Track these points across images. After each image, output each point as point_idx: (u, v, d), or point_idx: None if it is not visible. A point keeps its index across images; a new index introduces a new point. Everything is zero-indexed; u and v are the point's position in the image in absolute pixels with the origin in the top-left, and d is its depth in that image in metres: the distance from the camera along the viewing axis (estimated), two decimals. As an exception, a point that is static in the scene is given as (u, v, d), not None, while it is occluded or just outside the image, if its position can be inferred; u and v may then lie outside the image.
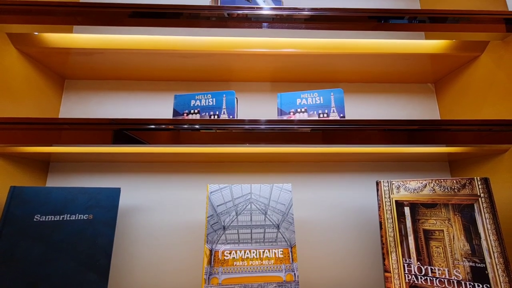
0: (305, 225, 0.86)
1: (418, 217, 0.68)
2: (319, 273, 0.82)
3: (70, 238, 0.66)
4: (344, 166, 0.91)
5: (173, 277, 0.80)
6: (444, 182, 0.67)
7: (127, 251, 0.82)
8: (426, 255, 0.65)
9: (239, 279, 0.63)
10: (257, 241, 0.67)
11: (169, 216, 0.85)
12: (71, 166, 0.87)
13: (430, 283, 0.63)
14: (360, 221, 0.87)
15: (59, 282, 0.62)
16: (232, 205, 0.70)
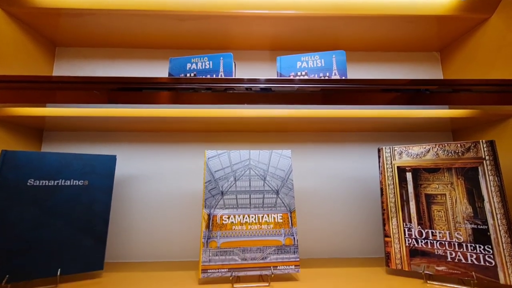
0: (305, 195, 0.85)
1: (420, 182, 0.66)
2: (319, 241, 0.82)
3: (66, 204, 0.65)
4: (345, 136, 0.89)
5: (172, 244, 0.80)
6: (448, 146, 0.65)
7: (125, 219, 0.81)
8: (427, 219, 0.64)
9: (238, 242, 0.62)
10: (256, 206, 0.66)
11: (167, 185, 0.83)
12: (65, 135, 0.85)
13: (431, 246, 0.62)
14: (360, 190, 0.86)
15: (54, 247, 0.62)
16: (230, 171, 0.68)
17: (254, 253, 0.62)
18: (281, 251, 0.63)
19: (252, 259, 0.61)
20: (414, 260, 0.63)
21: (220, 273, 0.60)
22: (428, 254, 0.62)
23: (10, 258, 0.57)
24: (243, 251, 0.62)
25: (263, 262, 0.61)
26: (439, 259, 0.61)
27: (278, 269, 0.61)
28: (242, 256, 0.61)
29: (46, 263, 0.60)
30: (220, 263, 0.60)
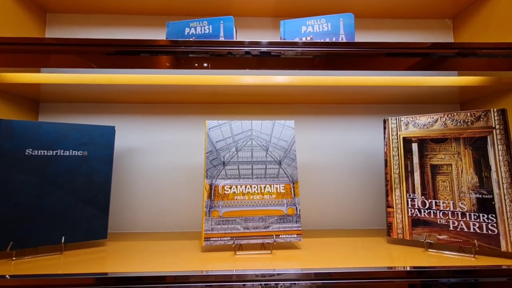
0: (308, 167, 0.84)
1: (426, 153, 0.65)
2: (321, 213, 0.82)
3: (65, 174, 0.64)
4: (349, 108, 0.87)
5: (174, 215, 0.80)
6: (457, 115, 0.63)
7: (127, 192, 0.81)
8: (432, 189, 0.63)
9: (240, 212, 0.62)
10: (258, 176, 0.65)
11: (168, 157, 0.82)
12: (62, 107, 0.83)
13: (433, 215, 0.62)
14: (364, 163, 0.85)
15: (57, 216, 0.62)
16: (232, 141, 0.67)
17: (256, 222, 0.62)
18: (283, 220, 0.63)
19: (254, 228, 0.62)
20: (416, 229, 0.63)
21: (223, 241, 0.60)
22: (430, 223, 0.62)
23: (13, 226, 0.58)
24: (245, 220, 0.62)
25: (265, 231, 0.62)
26: (441, 228, 0.61)
27: (280, 237, 0.62)
28: (244, 225, 0.62)
29: (49, 231, 0.61)
30: (222, 231, 0.61)
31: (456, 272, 0.50)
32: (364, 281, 0.50)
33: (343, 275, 0.50)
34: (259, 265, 0.52)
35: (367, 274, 0.50)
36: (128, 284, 0.48)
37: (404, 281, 0.50)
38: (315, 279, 0.49)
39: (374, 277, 0.50)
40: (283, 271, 0.49)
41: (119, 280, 0.48)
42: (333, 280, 0.50)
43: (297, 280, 0.49)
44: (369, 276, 0.50)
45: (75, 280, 0.48)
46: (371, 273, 0.50)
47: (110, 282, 0.48)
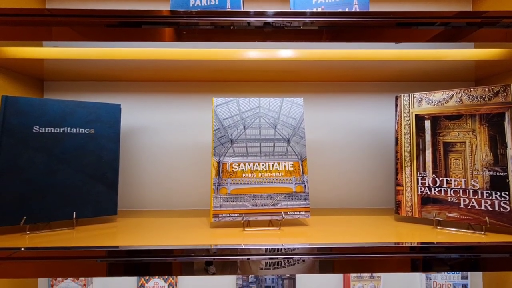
0: (317, 146, 0.83)
1: (439, 130, 0.63)
2: (330, 192, 0.82)
3: (73, 151, 0.64)
4: (359, 86, 0.84)
5: (183, 193, 0.81)
6: (474, 91, 0.60)
7: (135, 170, 0.81)
8: (443, 167, 0.62)
9: (248, 189, 0.62)
10: (266, 154, 0.64)
11: (175, 136, 0.82)
12: (66, 85, 0.81)
13: (444, 193, 0.61)
14: (373, 142, 0.83)
15: (67, 192, 0.62)
16: (239, 118, 0.66)
17: (264, 199, 0.62)
18: (292, 198, 0.63)
19: (262, 205, 0.62)
20: (425, 207, 0.63)
21: (231, 217, 0.61)
22: (440, 201, 0.61)
23: (25, 201, 0.58)
24: (254, 197, 0.62)
25: (273, 208, 0.62)
26: (451, 206, 0.60)
27: (288, 214, 0.62)
28: (252, 202, 0.62)
29: (61, 207, 0.61)
30: (231, 208, 0.61)
31: (466, 247, 0.50)
32: (372, 256, 0.50)
33: (350, 249, 0.50)
34: (268, 241, 0.52)
35: (375, 249, 0.50)
36: (138, 257, 0.49)
37: (412, 256, 0.51)
38: (323, 253, 0.50)
39: (382, 252, 0.51)
40: (291, 245, 0.50)
41: (130, 253, 0.49)
42: (340, 254, 0.50)
43: (305, 254, 0.49)
44: (377, 251, 0.50)
45: (87, 252, 0.49)
46: (379, 248, 0.50)
47: (121, 255, 0.49)
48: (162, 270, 0.50)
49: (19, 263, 0.49)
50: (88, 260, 0.49)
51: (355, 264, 0.50)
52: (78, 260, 0.49)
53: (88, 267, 0.49)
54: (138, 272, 0.50)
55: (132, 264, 0.49)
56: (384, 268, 0.51)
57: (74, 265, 0.49)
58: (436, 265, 0.51)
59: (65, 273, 0.49)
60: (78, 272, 0.49)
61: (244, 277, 0.79)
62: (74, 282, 0.76)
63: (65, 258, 0.49)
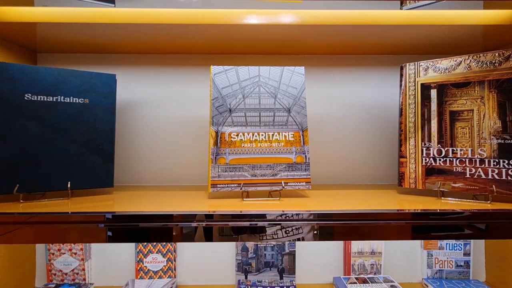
0: (317, 121, 0.81)
1: (446, 99, 0.61)
2: (331, 168, 0.81)
3: (68, 121, 0.62)
4: (362, 59, 0.81)
5: (180, 169, 0.80)
6: (483, 56, 0.58)
7: (132, 145, 0.80)
8: (449, 137, 0.60)
9: (247, 159, 0.61)
10: (266, 124, 0.62)
11: (172, 111, 0.80)
12: (60, 58, 0.79)
13: (449, 163, 0.59)
14: (375, 117, 0.81)
15: (61, 162, 0.61)
16: (238, 87, 0.63)
17: (264, 169, 0.60)
18: (292, 168, 0.61)
19: (262, 176, 0.60)
20: (429, 178, 0.61)
21: (230, 188, 0.59)
22: (445, 172, 0.60)
23: (19, 170, 0.57)
24: (253, 167, 0.60)
25: (273, 178, 0.60)
26: (457, 177, 0.58)
27: (288, 185, 0.60)
28: (251, 172, 0.60)
29: (55, 177, 0.60)
30: (229, 178, 0.59)
31: (472, 214, 0.49)
32: (373, 222, 0.49)
33: (351, 215, 0.49)
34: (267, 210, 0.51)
35: (376, 215, 0.49)
36: (137, 222, 0.48)
37: (414, 222, 0.49)
38: (324, 219, 0.48)
39: (383, 219, 0.49)
40: (291, 212, 0.48)
41: (129, 218, 0.48)
42: (341, 220, 0.49)
43: (305, 220, 0.48)
44: (379, 218, 0.49)
45: (86, 217, 0.48)
46: (380, 214, 0.49)
47: (120, 220, 0.48)
48: (162, 236, 0.48)
49: (17, 227, 0.47)
50: (88, 225, 0.48)
51: (355, 231, 0.49)
52: (78, 225, 0.48)
53: (88, 233, 0.48)
54: (138, 238, 0.49)
55: (132, 230, 0.48)
56: (386, 235, 0.49)
57: (74, 230, 0.48)
58: (439, 232, 0.49)
59: (64, 238, 0.48)
60: (77, 237, 0.48)
61: (243, 252, 0.78)
62: (72, 256, 0.76)
63: (64, 223, 0.48)
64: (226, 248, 0.80)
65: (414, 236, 0.49)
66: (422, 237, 0.50)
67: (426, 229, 0.49)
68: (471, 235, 0.49)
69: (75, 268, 0.76)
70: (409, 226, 0.49)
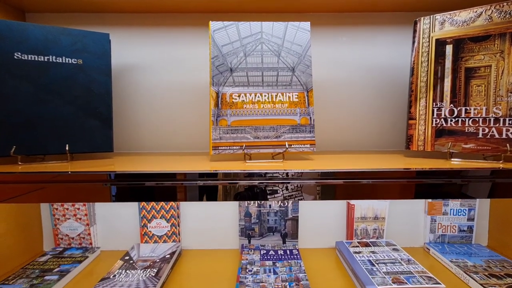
0: (323, 85, 0.77)
1: (462, 55, 0.57)
2: (336, 135, 0.78)
3: (61, 82, 0.60)
4: (372, 17, 0.76)
5: (179, 135, 0.78)
6: (507, 6, 0.53)
7: (130, 112, 0.77)
8: (463, 95, 0.56)
9: (250, 121, 0.58)
10: (269, 84, 0.59)
11: (171, 74, 0.76)
12: (50, 17, 0.74)
13: (461, 124, 0.56)
14: (384, 80, 0.77)
15: (58, 125, 0.59)
16: (239, 45, 0.59)
17: (267, 131, 0.58)
18: (296, 130, 0.59)
19: (265, 138, 0.58)
20: (439, 140, 0.59)
21: (232, 150, 0.57)
22: (456, 133, 0.57)
23: (15, 132, 0.55)
24: (256, 129, 0.58)
25: (276, 140, 0.58)
26: (468, 137, 0.56)
27: (292, 147, 0.58)
28: (254, 134, 0.58)
29: (53, 140, 0.59)
30: (231, 140, 0.58)
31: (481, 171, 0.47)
32: (377, 180, 0.47)
33: (354, 174, 0.47)
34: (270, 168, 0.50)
35: (380, 173, 0.47)
36: (140, 181, 0.47)
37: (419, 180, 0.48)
38: (327, 177, 0.47)
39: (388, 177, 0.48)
40: (294, 170, 0.47)
41: (132, 176, 0.47)
42: (344, 179, 0.47)
43: (308, 179, 0.47)
44: (383, 176, 0.47)
45: (88, 176, 0.47)
46: (384, 172, 0.47)
47: (123, 178, 0.47)
48: (166, 195, 0.47)
49: (22, 187, 0.47)
50: (92, 184, 0.47)
51: (358, 190, 0.47)
52: (83, 184, 0.47)
53: (92, 191, 0.47)
54: (142, 197, 0.48)
55: (136, 188, 0.47)
56: (390, 194, 0.48)
57: (78, 189, 0.47)
58: (446, 191, 0.48)
59: (68, 197, 0.48)
60: (81, 196, 0.48)
61: (246, 218, 0.79)
62: (77, 222, 0.77)
63: (64, 182, 0.47)
64: (229, 214, 0.80)
65: (419, 195, 0.48)
66: (429, 196, 0.48)
67: (431, 187, 0.48)
68: (481, 193, 0.48)
69: (81, 233, 0.77)
70: (413, 184, 0.47)
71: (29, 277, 0.62)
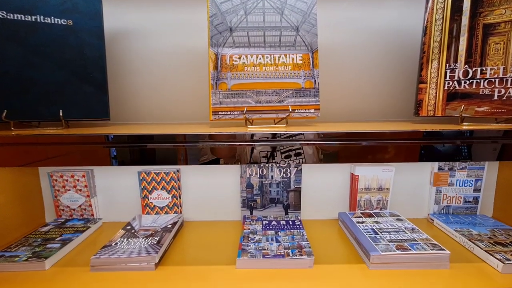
0: (329, 50, 0.73)
1: (481, 10, 0.52)
2: (342, 103, 0.75)
3: (51, 44, 0.56)
4: (384, -25, 0.70)
5: (178, 105, 0.75)
6: (534, -48, 0.48)
7: (126, 80, 0.74)
8: (479, 55, 0.53)
9: (251, 84, 0.55)
10: (271, 45, 0.56)
11: (168, 39, 0.72)
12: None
13: (476, 86, 0.53)
14: (393, 45, 0.73)
15: (51, 89, 0.56)
16: (239, 2, 0.55)
17: (269, 96, 0.55)
18: (300, 94, 0.56)
19: (267, 102, 0.55)
20: (451, 104, 0.56)
21: (233, 115, 0.55)
22: (469, 95, 0.54)
23: (5, 95, 0.53)
24: (257, 93, 0.55)
25: (279, 105, 0.56)
26: (482, 100, 0.53)
27: (296, 112, 0.56)
28: (256, 98, 0.55)
29: (46, 105, 0.56)
30: (232, 105, 0.55)
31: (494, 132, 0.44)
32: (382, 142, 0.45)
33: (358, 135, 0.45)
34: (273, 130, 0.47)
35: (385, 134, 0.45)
36: (139, 143, 0.45)
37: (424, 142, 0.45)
38: (329, 139, 0.45)
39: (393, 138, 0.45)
40: (296, 132, 0.45)
41: (131, 138, 0.45)
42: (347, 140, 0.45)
43: (311, 140, 0.45)
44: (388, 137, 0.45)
45: (86, 138, 0.45)
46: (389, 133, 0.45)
47: (122, 140, 0.45)
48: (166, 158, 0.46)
49: (19, 149, 0.45)
50: (91, 146, 0.45)
51: (362, 152, 0.45)
52: (81, 146, 0.45)
53: (92, 154, 0.45)
54: (142, 161, 0.47)
55: (136, 151, 0.45)
56: (395, 157, 0.46)
57: (77, 152, 0.45)
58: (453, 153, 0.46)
59: (67, 161, 0.46)
60: (80, 159, 0.46)
61: (248, 189, 0.78)
62: (77, 193, 0.76)
63: (62, 144, 0.45)
64: (231, 185, 0.79)
65: (426, 157, 0.46)
66: (436, 158, 0.46)
67: (439, 149, 0.45)
68: (490, 155, 0.46)
69: (82, 204, 0.77)
70: (420, 146, 0.45)
71: (31, 245, 0.62)
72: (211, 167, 0.78)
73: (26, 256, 0.57)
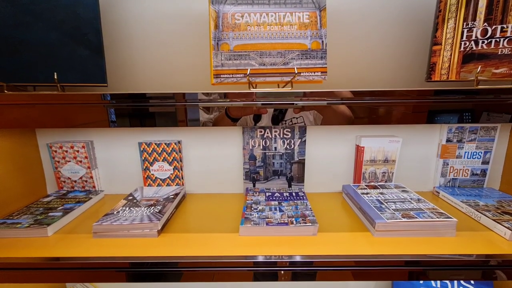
0: (335, 15, 0.69)
1: (505, -40, 0.48)
2: (351, 72, 0.72)
3: (42, 3, 0.53)
4: None
5: (179, 74, 0.72)
6: None
7: (124, 48, 0.71)
8: (501, 11, 0.49)
9: (254, 45, 0.52)
10: (276, 2, 0.52)
11: (167, 3, 0.68)
12: None
13: (495, 45, 0.50)
14: (405, 9, 0.68)
15: (44, 51, 0.54)
16: (242, -46, 0.51)
17: (274, 57, 0.53)
18: (306, 56, 0.53)
19: (271, 64, 0.53)
20: (466, 66, 0.53)
21: (235, 78, 0.52)
22: (487, 56, 0.51)
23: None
24: (261, 55, 0.52)
25: (284, 67, 0.53)
26: (501, 61, 0.50)
27: (302, 75, 0.53)
28: (259, 60, 0.52)
29: (40, 67, 0.54)
30: (234, 68, 0.52)
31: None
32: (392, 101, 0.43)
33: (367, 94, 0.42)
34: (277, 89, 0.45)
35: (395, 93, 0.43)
36: (139, 102, 0.43)
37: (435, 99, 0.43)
38: (336, 99, 0.42)
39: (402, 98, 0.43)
40: (301, 91, 0.42)
41: (131, 97, 0.43)
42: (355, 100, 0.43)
43: (318, 100, 0.42)
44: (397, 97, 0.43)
45: (84, 96, 0.43)
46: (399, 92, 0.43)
47: (121, 98, 0.43)
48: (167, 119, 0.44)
49: (15, 109, 0.43)
50: (89, 106, 0.43)
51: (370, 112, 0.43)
52: (79, 106, 0.43)
53: (89, 114, 0.44)
54: (143, 123, 0.45)
55: (136, 111, 0.43)
56: (403, 118, 0.44)
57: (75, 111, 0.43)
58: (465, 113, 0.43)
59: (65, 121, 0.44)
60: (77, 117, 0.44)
61: (251, 161, 0.76)
62: (78, 165, 0.75)
63: (64, 104, 0.43)
64: (233, 157, 0.78)
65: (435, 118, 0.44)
66: (446, 121, 0.44)
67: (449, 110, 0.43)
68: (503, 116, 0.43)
69: (83, 176, 0.76)
70: (429, 105, 0.43)
71: (33, 214, 0.62)
72: (212, 138, 0.77)
73: (28, 223, 0.57)
